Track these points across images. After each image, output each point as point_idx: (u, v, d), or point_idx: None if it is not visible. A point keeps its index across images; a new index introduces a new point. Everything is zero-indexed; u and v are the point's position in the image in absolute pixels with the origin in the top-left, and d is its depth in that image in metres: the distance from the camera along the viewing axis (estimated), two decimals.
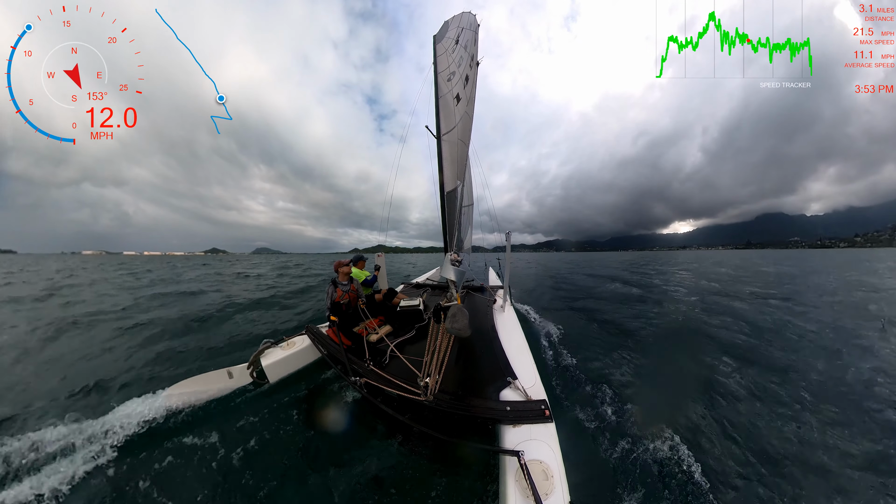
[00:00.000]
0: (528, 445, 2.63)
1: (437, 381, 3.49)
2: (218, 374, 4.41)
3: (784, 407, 4.53)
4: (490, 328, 5.24)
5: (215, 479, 3.20)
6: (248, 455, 3.47)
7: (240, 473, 3.25)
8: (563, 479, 2.42)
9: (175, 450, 3.51)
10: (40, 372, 5.62)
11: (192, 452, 3.48)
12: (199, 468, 3.31)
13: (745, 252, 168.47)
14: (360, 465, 3.38)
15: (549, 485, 2.36)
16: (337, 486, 3.13)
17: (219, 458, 3.41)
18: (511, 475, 2.44)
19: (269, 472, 3.29)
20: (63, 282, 19.33)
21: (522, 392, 3.29)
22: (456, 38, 6.38)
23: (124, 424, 3.74)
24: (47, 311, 10.47)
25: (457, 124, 5.69)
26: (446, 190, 5.91)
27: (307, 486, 3.18)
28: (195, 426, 3.86)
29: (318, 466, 3.39)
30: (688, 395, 4.81)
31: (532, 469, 2.38)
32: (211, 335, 7.69)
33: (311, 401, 4.43)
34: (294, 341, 4.97)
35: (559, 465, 2.50)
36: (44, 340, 7.28)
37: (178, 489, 3.10)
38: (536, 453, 2.56)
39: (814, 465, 3.52)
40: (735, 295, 13.27)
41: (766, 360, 6.04)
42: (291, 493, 3.10)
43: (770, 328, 8.15)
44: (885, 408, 4.50)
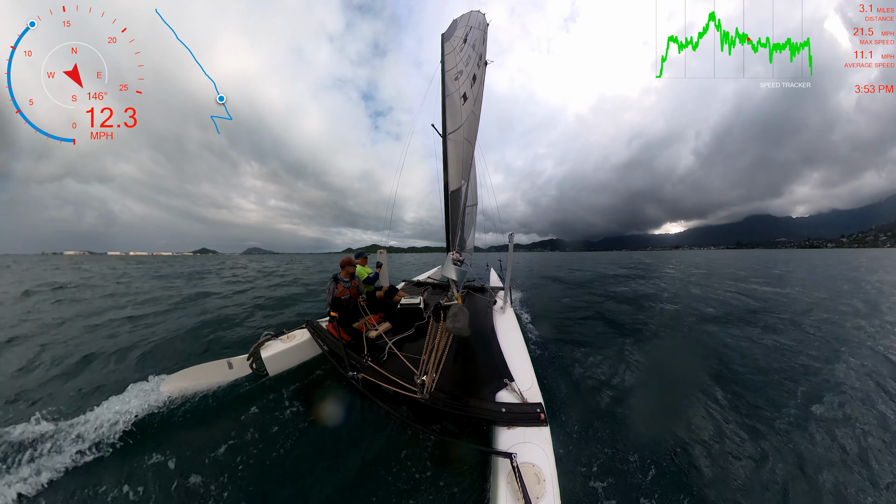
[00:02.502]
0: (521, 448, 2.62)
1: (433, 380, 3.50)
2: (218, 365, 4.44)
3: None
4: (489, 329, 5.22)
5: (212, 470, 3.20)
6: (245, 446, 3.49)
7: (236, 464, 3.25)
8: (555, 484, 2.39)
9: (172, 439, 3.53)
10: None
11: (189, 442, 3.50)
12: (196, 458, 3.32)
13: (738, 252, 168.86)
14: (354, 460, 3.39)
15: (540, 488, 2.34)
16: (331, 480, 3.15)
17: (216, 448, 3.42)
18: (503, 477, 2.43)
19: (265, 463, 3.31)
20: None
21: (518, 394, 3.28)
22: (464, 37, 6.38)
23: (121, 412, 3.72)
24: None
25: (463, 123, 5.66)
26: (451, 189, 5.88)
27: (302, 478, 3.18)
28: (194, 415, 3.90)
29: (314, 459, 3.40)
30: (687, 400, 4.73)
31: (524, 472, 2.37)
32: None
33: (308, 394, 4.45)
34: (294, 334, 4.99)
35: (552, 470, 2.48)
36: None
37: (174, 479, 3.09)
38: (529, 456, 2.55)
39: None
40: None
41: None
42: (287, 485, 3.11)
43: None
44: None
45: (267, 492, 3.05)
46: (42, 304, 11.75)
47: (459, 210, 6.06)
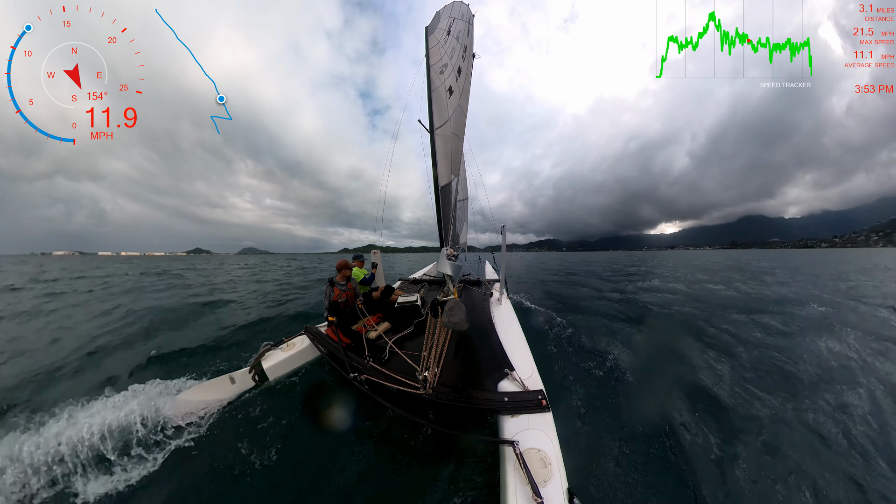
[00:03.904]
0: (526, 435, 2.70)
1: (435, 375, 3.53)
2: (220, 381, 4.41)
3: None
4: (487, 321, 5.26)
5: (222, 484, 3.18)
6: (252, 456, 3.45)
7: (245, 476, 3.24)
8: (562, 466, 2.46)
9: (180, 456, 3.48)
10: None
11: (198, 459, 3.47)
12: (207, 475, 3.29)
13: (738, 252, 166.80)
14: (363, 460, 3.41)
15: (547, 472, 2.40)
16: (342, 482, 3.17)
17: (221, 461, 3.40)
18: (510, 464, 2.48)
19: (272, 471, 3.30)
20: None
21: (520, 383, 3.33)
22: (447, 29, 6.30)
23: (122, 435, 3.55)
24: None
25: (450, 117, 5.68)
26: (441, 184, 5.91)
27: (314, 483, 3.20)
28: (201, 434, 3.81)
29: (324, 463, 3.41)
30: (686, 378, 4.87)
31: (530, 457, 2.44)
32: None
33: (313, 399, 4.45)
34: (294, 342, 4.99)
35: (557, 453, 2.56)
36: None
37: (175, 491, 3.09)
38: (534, 442, 2.62)
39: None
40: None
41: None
42: (300, 491, 3.12)
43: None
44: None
45: (281, 500, 3.03)
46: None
47: (451, 205, 6.09)
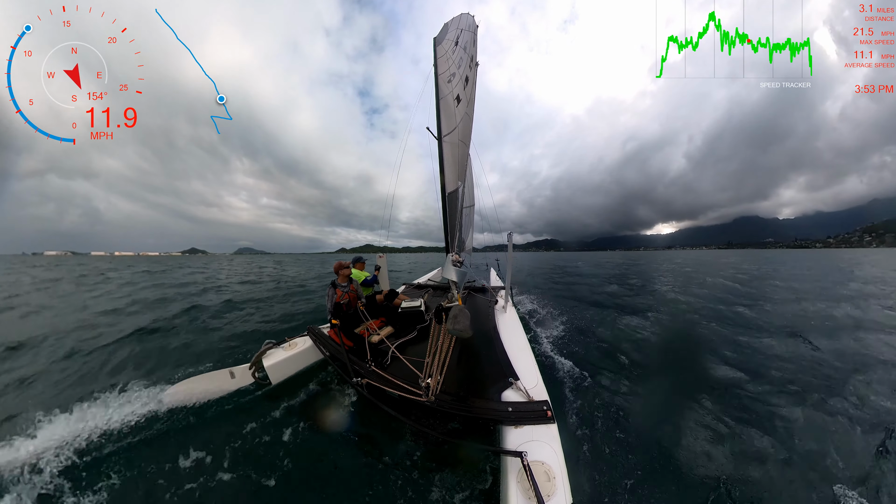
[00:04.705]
0: (530, 446, 2.63)
1: (438, 382, 3.49)
2: (220, 374, 4.44)
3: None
4: (492, 329, 5.23)
5: (214, 480, 3.18)
6: (250, 455, 3.47)
7: (241, 474, 3.24)
8: (566, 480, 2.42)
9: (175, 449, 3.50)
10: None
11: (192, 451, 3.47)
12: (198, 469, 3.30)
13: (738, 253, 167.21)
14: (362, 466, 3.38)
15: (551, 486, 2.36)
16: (339, 488, 3.14)
17: (219, 459, 3.40)
18: (513, 476, 2.44)
19: (270, 473, 3.28)
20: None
21: (524, 393, 3.28)
22: (455, 40, 6.41)
23: (122, 421, 3.72)
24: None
25: (457, 125, 5.68)
26: (448, 191, 5.91)
27: (309, 487, 3.17)
28: (196, 426, 3.86)
29: (319, 467, 3.39)
30: (691, 394, 4.83)
31: (534, 470, 2.38)
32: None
33: (312, 401, 4.44)
34: (296, 342, 4.97)
35: (561, 467, 2.51)
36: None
37: (176, 490, 3.08)
38: (539, 454, 2.56)
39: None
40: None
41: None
42: (294, 494, 3.10)
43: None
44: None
45: (272, 502, 3.02)
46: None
47: (457, 211, 6.09)
